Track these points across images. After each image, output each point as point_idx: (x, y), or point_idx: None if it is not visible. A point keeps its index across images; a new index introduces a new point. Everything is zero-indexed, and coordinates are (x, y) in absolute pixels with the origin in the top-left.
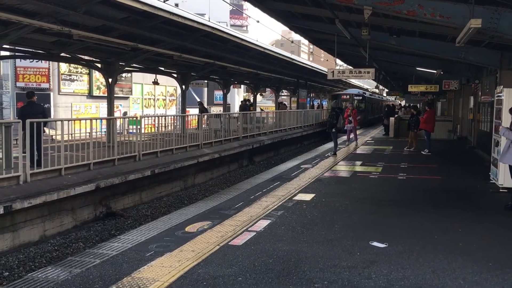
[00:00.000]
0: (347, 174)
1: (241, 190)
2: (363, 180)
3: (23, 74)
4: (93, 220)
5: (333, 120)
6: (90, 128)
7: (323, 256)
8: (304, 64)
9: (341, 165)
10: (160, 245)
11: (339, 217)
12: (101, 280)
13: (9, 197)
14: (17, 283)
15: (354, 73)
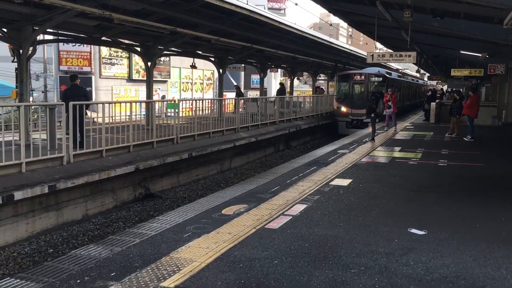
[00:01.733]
0: (385, 160)
1: (277, 174)
2: (402, 166)
3: (66, 58)
4: (132, 200)
5: (372, 105)
6: (130, 111)
7: (359, 241)
8: (343, 47)
9: (379, 151)
10: (197, 227)
11: (377, 203)
12: (141, 259)
13: (53, 177)
14: (62, 259)
15: (394, 56)
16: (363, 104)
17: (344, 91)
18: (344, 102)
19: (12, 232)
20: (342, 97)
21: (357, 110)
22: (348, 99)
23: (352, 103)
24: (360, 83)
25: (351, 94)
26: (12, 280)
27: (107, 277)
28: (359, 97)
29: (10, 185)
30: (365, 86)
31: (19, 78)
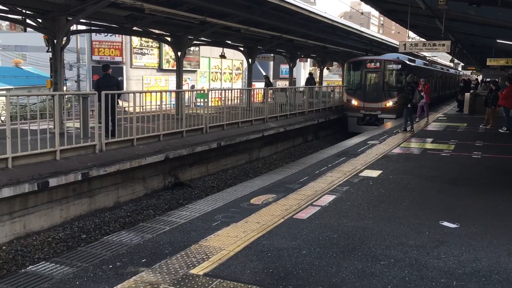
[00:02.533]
0: (417, 151)
1: (306, 165)
2: (433, 158)
3: (98, 48)
4: (162, 189)
5: (408, 95)
6: (160, 100)
7: (389, 233)
8: (374, 36)
9: (410, 142)
10: (226, 216)
11: (407, 195)
12: (171, 246)
13: (86, 164)
14: (94, 245)
15: (427, 45)
16: (378, 96)
17: (356, 81)
18: (355, 94)
19: (47, 217)
20: (353, 88)
21: (371, 104)
22: (360, 91)
23: (364, 95)
24: (375, 71)
25: (364, 85)
26: (48, 264)
27: (138, 263)
28: (373, 88)
29: (45, 172)
30: (380, 74)
31: (54, 67)
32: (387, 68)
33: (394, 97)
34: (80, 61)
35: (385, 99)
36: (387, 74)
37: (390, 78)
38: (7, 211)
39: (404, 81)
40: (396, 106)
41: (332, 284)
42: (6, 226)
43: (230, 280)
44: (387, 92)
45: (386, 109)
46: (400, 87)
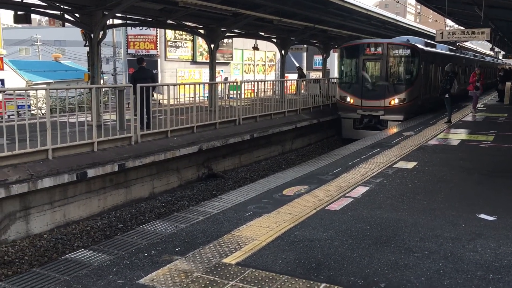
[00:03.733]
0: (454, 142)
1: (338, 156)
2: (471, 149)
3: (134, 42)
4: (196, 180)
5: (446, 85)
6: (194, 92)
7: (424, 225)
8: (410, 25)
9: (447, 133)
10: (258, 206)
11: (443, 186)
12: (204, 235)
13: (122, 156)
14: (130, 234)
15: (466, 34)
16: (380, 91)
17: (351, 72)
18: (350, 89)
19: (86, 207)
20: (347, 82)
21: (371, 102)
22: (357, 85)
23: (362, 90)
24: (376, 58)
25: (362, 77)
26: (86, 252)
27: (172, 252)
28: (374, 80)
29: (83, 163)
30: (383, 63)
31: (91, 61)
32: (392, 54)
33: (401, 93)
34: (116, 54)
35: (390, 95)
36: (392, 62)
37: (396, 67)
38: (48, 200)
39: (415, 70)
40: (404, 105)
41: (364, 275)
42: (47, 215)
43: (262, 269)
44: (392, 86)
45: (391, 108)
46: (410, 79)
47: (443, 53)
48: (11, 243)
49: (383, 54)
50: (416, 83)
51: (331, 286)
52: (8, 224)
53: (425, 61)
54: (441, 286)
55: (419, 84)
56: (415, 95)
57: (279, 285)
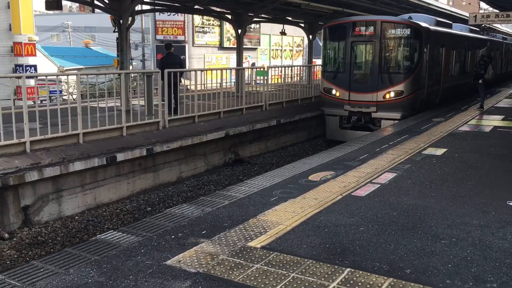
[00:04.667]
0: (486, 129)
1: (366, 142)
2: (504, 136)
3: (162, 27)
4: (223, 165)
5: (480, 70)
6: (221, 78)
7: (452, 212)
8: (442, 8)
9: (478, 119)
10: (284, 191)
11: (473, 173)
12: (230, 219)
13: (151, 140)
14: (158, 216)
15: (500, 17)
16: (372, 83)
17: (337, 57)
18: (336, 80)
19: (115, 190)
20: (332, 70)
21: (361, 95)
22: (344, 74)
23: (351, 80)
24: (367, 40)
25: (350, 64)
26: (116, 233)
27: (198, 235)
28: (365, 69)
29: (113, 147)
30: (376, 46)
31: (120, 47)
32: (388, 35)
33: (398, 84)
34: (145, 40)
35: (384, 87)
36: (388, 44)
37: (393, 51)
38: (79, 183)
39: (416, 55)
40: (403, 99)
41: (389, 261)
42: (78, 198)
43: (287, 253)
44: (387, 75)
45: (386, 103)
46: (410, 67)
47: (458, 34)
48: (44, 224)
49: (376, 35)
50: (418, 71)
51: (356, 271)
52: (41, 206)
53: (432, 43)
54: (468, 273)
55: (422, 73)
56: (417, 87)
57: (304, 269)
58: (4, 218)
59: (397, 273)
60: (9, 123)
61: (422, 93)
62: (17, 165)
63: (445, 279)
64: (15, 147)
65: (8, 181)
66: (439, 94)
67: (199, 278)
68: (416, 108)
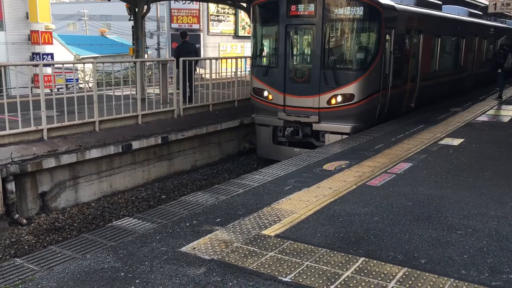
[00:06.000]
0: (505, 119)
1: (382, 132)
2: None
3: (177, 16)
4: (237, 154)
5: (499, 59)
6: (236, 67)
7: (468, 203)
8: None
9: (497, 109)
10: (298, 180)
11: (491, 164)
12: (244, 207)
13: (165, 129)
14: (173, 204)
15: None
16: (313, 83)
17: (268, 47)
18: (268, 78)
19: (131, 178)
20: (263, 64)
21: (299, 99)
22: (277, 69)
23: (286, 79)
24: (306, 23)
25: (285, 56)
26: (131, 220)
27: (213, 222)
28: (305, 62)
29: (128, 135)
30: (318, 31)
31: (135, 35)
32: (333, 17)
33: (348, 84)
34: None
35: (329, 88)
36: (333, 29)
37: (340, 39)
38: (95, 170)
39: (374, 44)
40: (354, 106)
41: (404, 251)
42: (95, 185)
43: (301, 242)
44: (332, 72)
45: (331, 111)
46: (364, 61)
47: (446, 17)
48: (61, 211)
49: (317, 16)
50: (376, 66)
51: (370, 260)
52: (58, 193)
53: (401, 28)
54: (484, 264)
55: (384, 68)
56: (376, 87)
57: (318, 257)
58: (22, 204)
59: (411, 263)
60: (27, 110)
61: (384, 96)
62: (35, 152)
63: (461, 270)
64: (33, 134)
65: (26, 167)
66: (415, 96)
67: (214, 265)
68: (375, 117)
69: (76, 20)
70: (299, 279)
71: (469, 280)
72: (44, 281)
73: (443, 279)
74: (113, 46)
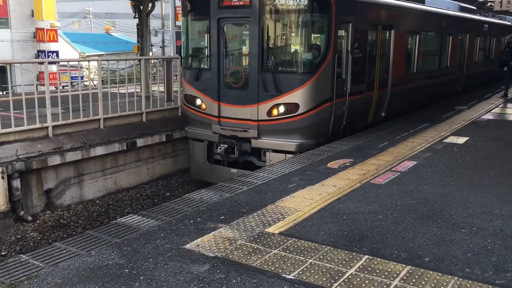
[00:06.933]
0: (510, 117)
1: (386, 130)
2: None
3: None
4: None
5: (505, 57)
6: None
7: (473, 202)
8: None
9: (503, 108)
10: (302, 178)
11: (496, 162)
12: (248, 205)
13: (170, 126)
14: (177, 201)
15: None
16: (251, 89)
17: (199, 46)
18: (199, 82)
19: (135, 175)
20: (194, 66)
21: (235, 108)
22: (210, 73)
23: (220, 84)
24: (241, 16)
25: (218, 56)
26: (136, 217)
27: (217, 220)
28: (240, 64)
29: (133, 133)
30: (255, 26)
31: (140, 33)
32: (273, 8)
33: (291, 91)
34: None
35: (269, 95)
36: (274, 24)
37: (282, 35)
38: (100, 168)
39: (324, 41)
40: (300, 118)
41: (408, 249)
42: (99, 182)
43: (304, 239)
44: (272, 76)
45: (272, 123)
46: (311, 62)
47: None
48: (66, 208)
49: (253, 8)
50: (327, 69)
51: (374, 258)
52: (63, 190)
53: (362, 22)
54: (488, 263)
55: (341, 72)
56: (327, 95)
57: (321, 255)
58: (27, 201)
59: (415, 261)
60: (32, 108)
61: (340, 105)
62: (40, 149)
63: (465, 268)
64: (38, 132)
65: (32, 165)
66: (386, 104)
67: (217, 262)
68: (328, 132)
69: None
70: (303, 276)
71: (473, 279)
72: (49, 278)
73: (447, 277)
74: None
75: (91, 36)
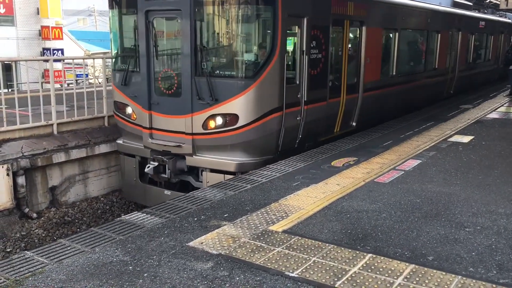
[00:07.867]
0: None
1: (390, 129)
2: None
3: None
4: None
5: (511, 56)
6: None
7: (477, 201)
8: None
9: (508, 106)
10: (306, 177)
11: (501, 162)
12: (252, 203)
13: None
14: (182, 198)
15: None
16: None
17: (128, 45)
18: (128, 87)
19: None
20: (122, 68)
21: (167, 119)
22: (139, 76)
23: (151, 89)
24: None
25: (147, 56)
26: (140, 214)
27: (220, 217)
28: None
29: None
30: (187, 21)
31: None
32: (208, 1)
33: (230, 99)
34: None
35: (204, 104)
36: (208, 19)
37: (219, 33)
38: (105, 165)
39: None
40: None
41: (412, 247)
42: (104, 180)
43: (308, 238)
44: (207, 81)
45: (209, 138)
46: (254, 64)
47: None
48: (70, 205)
49: (185, 4)
50: (272, 73)
51: (377, 257)
52: (68, 187)
53: (319, 17)
54: (493, 262)
55: (296, 76)
56: (274, 103)
57: (325, 253)
58: (32, 198)
59: (419, 260)
60: (37, 105)
61: (293, 115)
62: (45, 147)
63: (468, 267)
64: (43, 129)
65: (37, 162)
66: (357, 111)
67: (221, 260)
68: (278, 147)
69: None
70: (306, 274)
71: (476, 278)
72: (53, 274)
73: (450, 276)
74: None
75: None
